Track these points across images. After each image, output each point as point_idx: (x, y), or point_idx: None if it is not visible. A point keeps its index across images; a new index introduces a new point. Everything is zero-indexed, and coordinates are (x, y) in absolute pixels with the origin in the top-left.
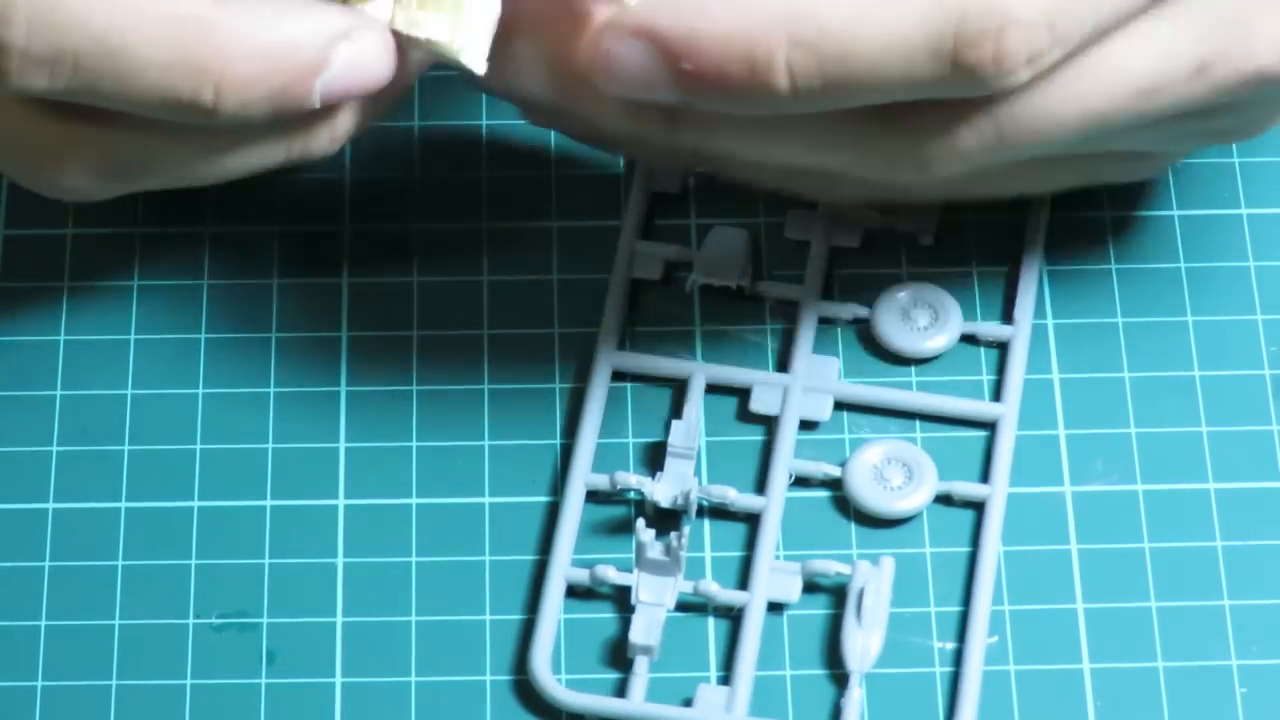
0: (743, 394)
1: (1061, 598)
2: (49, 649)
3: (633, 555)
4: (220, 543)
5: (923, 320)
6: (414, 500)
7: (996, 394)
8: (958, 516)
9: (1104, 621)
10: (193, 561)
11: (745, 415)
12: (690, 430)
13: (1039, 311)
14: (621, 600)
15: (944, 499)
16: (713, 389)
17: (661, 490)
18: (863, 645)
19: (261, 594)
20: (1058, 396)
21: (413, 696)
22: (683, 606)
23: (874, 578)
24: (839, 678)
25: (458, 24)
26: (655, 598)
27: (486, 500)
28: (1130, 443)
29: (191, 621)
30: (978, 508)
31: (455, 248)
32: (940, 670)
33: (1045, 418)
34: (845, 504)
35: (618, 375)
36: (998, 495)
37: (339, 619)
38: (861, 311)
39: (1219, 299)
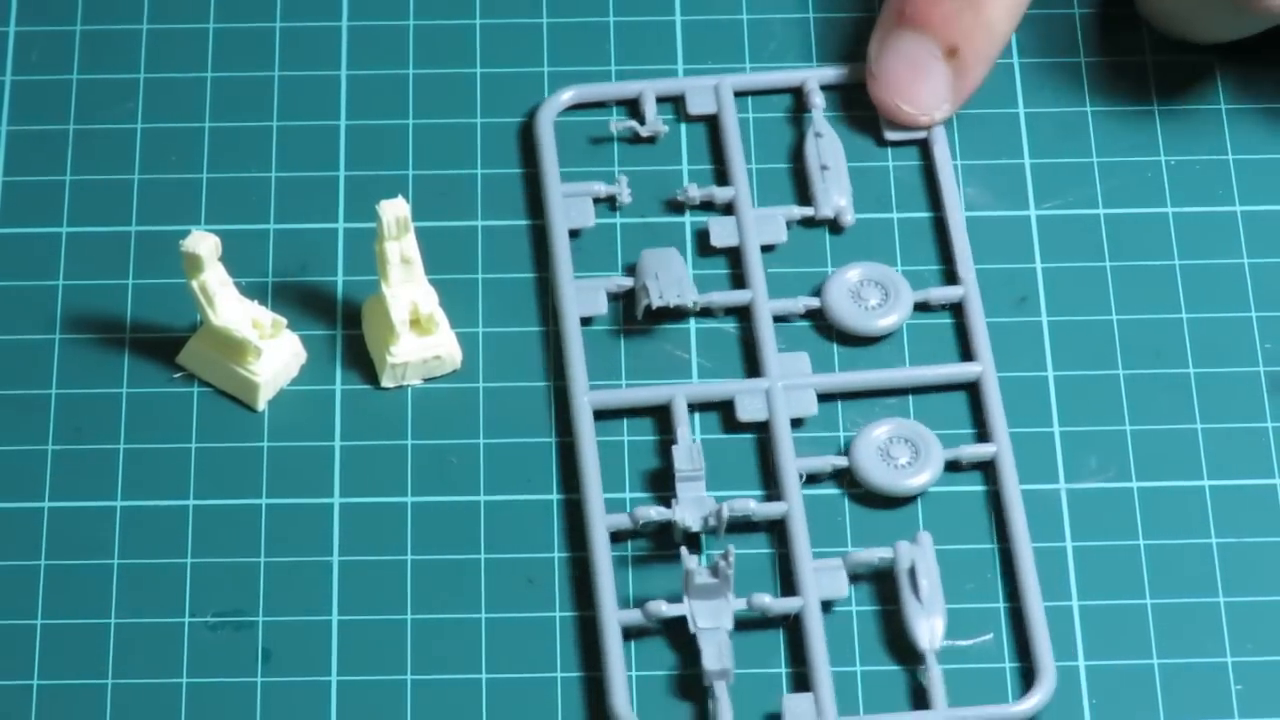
0: (723, 405)
1: (1056, 594)
2: (44, 648)
3: (661, 581)
4: (215, 541)
5: (873, 299)
6: (409, 499)
7: (966, 353)
8: (958, 481)
9: (1099, 618)
10: (188, 560)
11: (732, 425)
12: (690, 451)
13: (1033, 309)
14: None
15: (953, 465)
16: (690, 406)
17: (690, 515)
18: (928, 624)
19: (257, 593)
20: (1052, 393)
21: (408, 695)
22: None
23: (919, 556)
24: (909, 661)
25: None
26: (714, 621)
27: (481, 498)
28: (1125, 440)
29: (187, 620)
30: (986, 467)
31: (455, 247)
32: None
33: (1040, 415)
34: (857, 492)
35: (599, 414)
36: (1003, 448)
37: (334, 617)
38: (812, 302)
39: (1214, 296)
